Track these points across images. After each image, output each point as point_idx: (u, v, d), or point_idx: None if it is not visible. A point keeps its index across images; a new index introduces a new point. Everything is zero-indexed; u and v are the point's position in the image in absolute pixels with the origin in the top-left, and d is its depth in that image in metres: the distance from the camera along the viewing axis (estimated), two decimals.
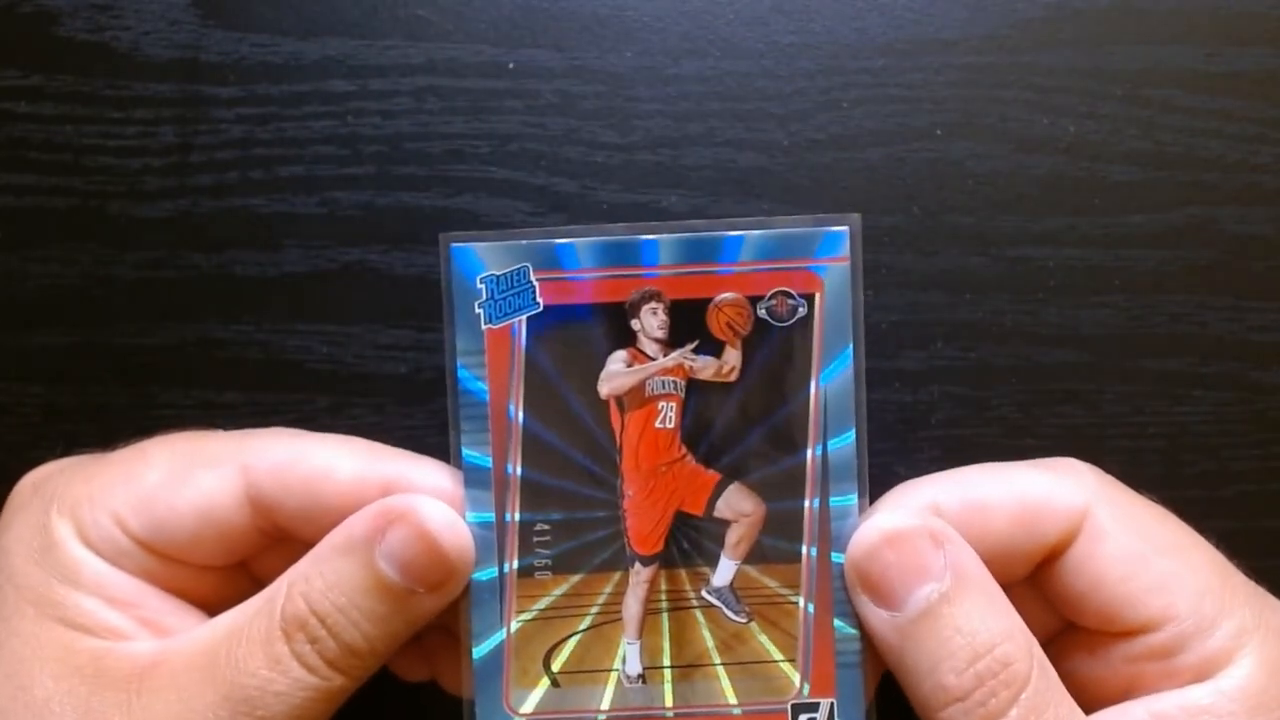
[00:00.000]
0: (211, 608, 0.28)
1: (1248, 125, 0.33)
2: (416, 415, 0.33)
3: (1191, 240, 0.33)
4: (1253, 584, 0.28)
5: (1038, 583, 0.29)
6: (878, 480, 0.29)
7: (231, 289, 0.33)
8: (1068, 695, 0.26)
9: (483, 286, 0.28)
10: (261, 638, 0.26)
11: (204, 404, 0.33)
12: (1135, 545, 0.27)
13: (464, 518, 0.28)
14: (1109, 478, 0.29)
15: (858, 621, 0.28)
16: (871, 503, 0.29)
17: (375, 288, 0.33)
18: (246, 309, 0.33)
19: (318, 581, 0.26)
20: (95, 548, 0.27)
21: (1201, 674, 0.26)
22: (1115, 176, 0.33)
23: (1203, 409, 0.34)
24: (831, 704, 0.28)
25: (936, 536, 0.27)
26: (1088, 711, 0.27)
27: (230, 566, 0.29)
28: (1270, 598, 0.28)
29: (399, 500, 0.27)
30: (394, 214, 0.33)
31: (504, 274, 0.28)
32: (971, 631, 0.26)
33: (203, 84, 0.33)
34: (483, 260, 0.28)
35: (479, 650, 0.28)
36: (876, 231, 0.33)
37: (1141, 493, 0.29)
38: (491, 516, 0.28)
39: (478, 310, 0.28)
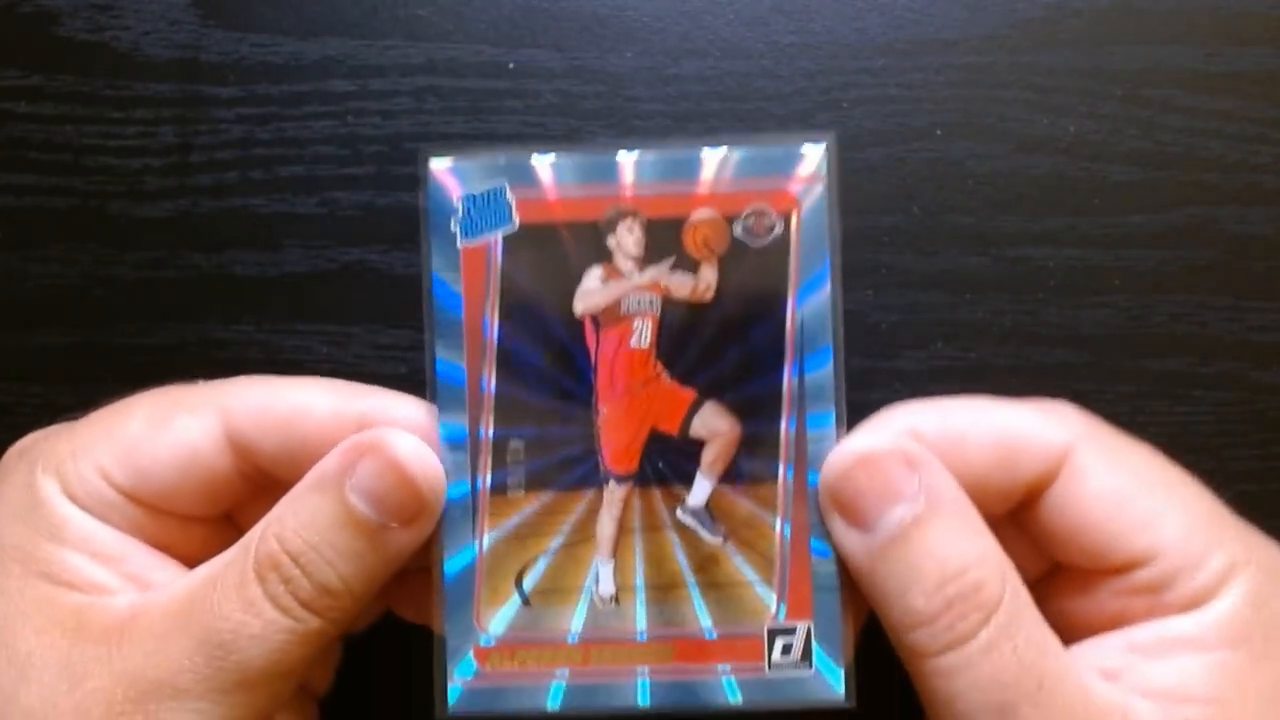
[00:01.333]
0: (199, 563, 0.28)
1: (1248, 125, 0.33)
2: None
3: (1191, 240, 0.33)
4: (1242, 522, 0.28)
5: (1022, 523, 0.28)
6: None
7: (231, 289, 0.33)
8: (1042, 622, 0.26)
9: (460, 204, 0.28)
10: (235, 581, 0.26)
11: None
12: (1120, 483, 0.27)
13: (437, 435, 0.28)
14: (1096, 419, 0.28)
15: (833, 543, 0.28)
16: (851, 426, 0.28)
17: (375, 288, 0.33)
18: (246, 309, 0.33)
19: (290, 520, 0.26)
20: (81, 503, 0.27)
21: (1187, 608, 0.26)
22: (1115, 176, 0.33)
23: (1203, 409, 0.34)
24: (808, 628, 0.28)
25: (911, 460, 0.26)
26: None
27: (216, 519, 0.29)
28: (1261, 535, 0.28)
29: (368, 434, 0.27)
30: (394, 214, 0.33)
31: (481, 193, 0.28)
32: (943, 555, 0.26)
33: (203, 84, 0.33)
34: (460, 177, 0.28)
35: (450, 568, 0.28)
36: (876, 231, 0.33)
37: None
38: (465, 432, 0.28)
39: (454, 228, 0.28)
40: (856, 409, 0.28)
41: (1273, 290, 0.34)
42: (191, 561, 0.28)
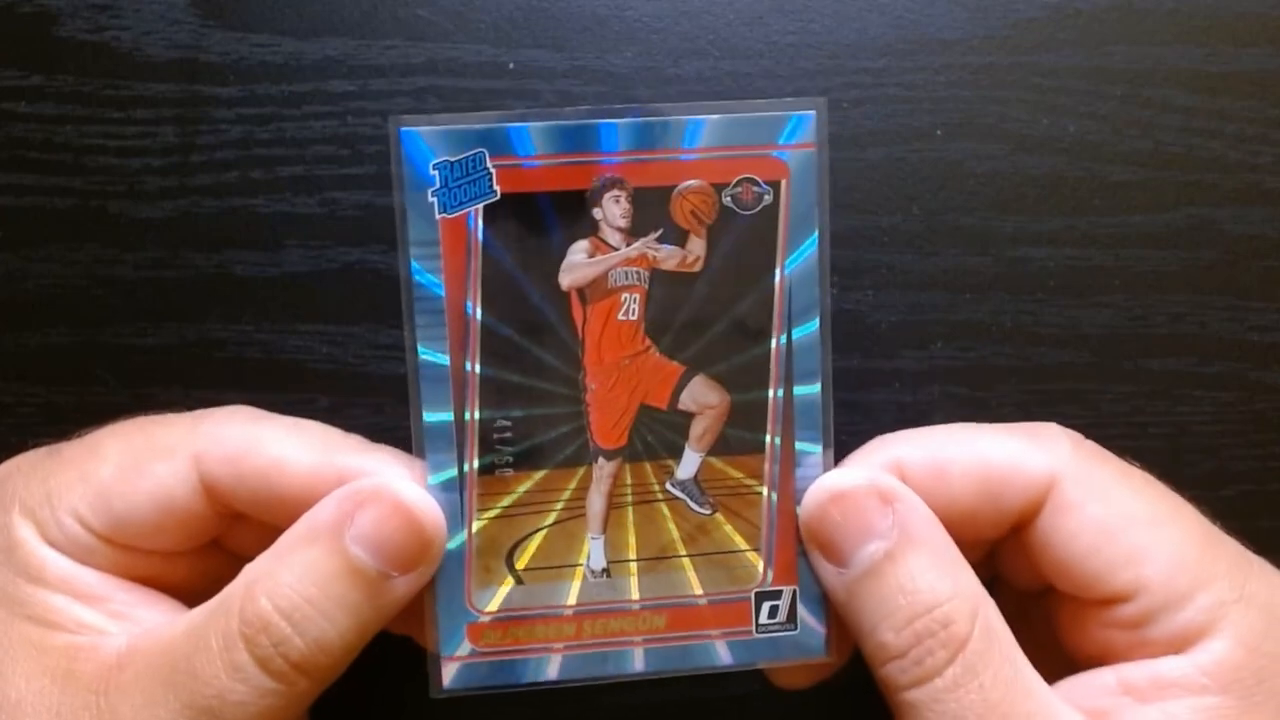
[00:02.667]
0: (189, 589, 0.28)
1: (1248, 125, 0.33)
2: None
3: (1191, 240, 0.33)
4: (1241, 551, 0.27)
5: (1019, 541, 0.28)
6: None
7: (231, 289, 0.33)
8: (1017, 658, 0.26)
9: (436, 173, 0.27)
10: (220, 644, 0.25)
11: (204, 404, 0.33)
12: (1103, 517, 0.27)
13: (424, 484, 0.27)
14: (1087, 445, 0.28)
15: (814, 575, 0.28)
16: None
17: (375, 288, 0.33)
18: (246, 309, 0.33)
19: (283, 576, 0.25)
20: (59, 546, 0.27)
21: (1176, 646, 0.26)
22: (1115, 176, 0.33)
23: (1203, 409, 0.34)
24: (794, 591, 0.29)
25: (885, 495, 0.27)
26: (1065, 669, 0.27)
27: (202, 547, 0.29)
28: (1260, 565, 0.27)
29: (365, 483, 0.27)
30: (394, 214, 0.33)
31: (458, 160, 0.27)
32: (914, 590, 0.26)
33: (203, 84, 0.33)
34: (433, 146, 0.27)
35: None
36: (876, 231, 0.33)
37: None
38: (450, 416, 0.28)
39: (431, 199, 0.27)
40: (856, 408, 0.28)
41: (1273, 290, 0.34)
42: (179, 589, 0.28)
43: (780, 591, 0.28)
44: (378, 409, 0.33)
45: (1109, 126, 0.33)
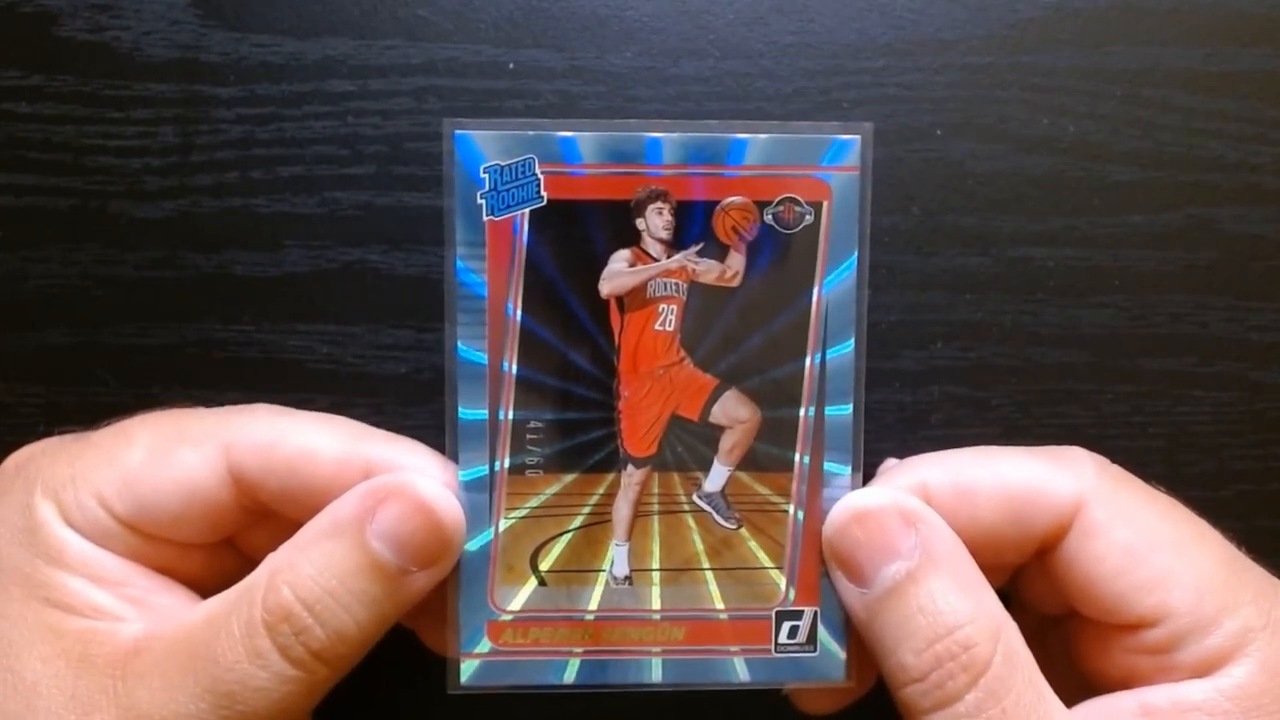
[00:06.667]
0: (200, 584, 0.28)
1: (1248, 125, 0.33)
2: (416, 415, 0.33)
3: (1191, 240, 0.33)
4: (1268, 577, 0.27)
5: (1044, 564, 0.28)
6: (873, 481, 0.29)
7: (231, 289, 0.33)
8: (1039, 683, 0.26)
9: (486, 176, 0.27)
10: (243, 631, 0.25)
11: (204, 404, 0.33)
12: (1130, 541, 0.27)
13: (450, 478, 0.28)
14: (1113, 469, 0.28)
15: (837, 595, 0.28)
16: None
17: (375, 288, 0.33)
18: (246, 309, 0.33)
19: (306, 568, 0.26)
20: (79, 528, 0.27)
21: (1200, 671, 0.26)
22: (1115, 176, 0.33)
23: (1203, 409, 0.34)
24: (815, 612, 0.29)
25: (908, 516, 0.27)
26: (1081, 693, 0.27)
27: (217, 543, 0.29)
28: None
29: (388, 479, 0.27)
30: (394, 214, 0.33)
31: (509, 165, 0.27)
32: (935, 612, 0.26)
33: (203, 84, 0.33)
34: (485, 149, 0.27)
35: (467, 547, 0.28)
36: (876, 231, 0.33)
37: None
38: (485, 414, 0.28)
39: (480, 201, 0.28)
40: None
41: (1273, 290, 0.34)
42: (194, 582, 0.28)
43: (801, 612, 0.29)
44: (378, 409, 0.33)
45: (1109, 126, 0.33)
